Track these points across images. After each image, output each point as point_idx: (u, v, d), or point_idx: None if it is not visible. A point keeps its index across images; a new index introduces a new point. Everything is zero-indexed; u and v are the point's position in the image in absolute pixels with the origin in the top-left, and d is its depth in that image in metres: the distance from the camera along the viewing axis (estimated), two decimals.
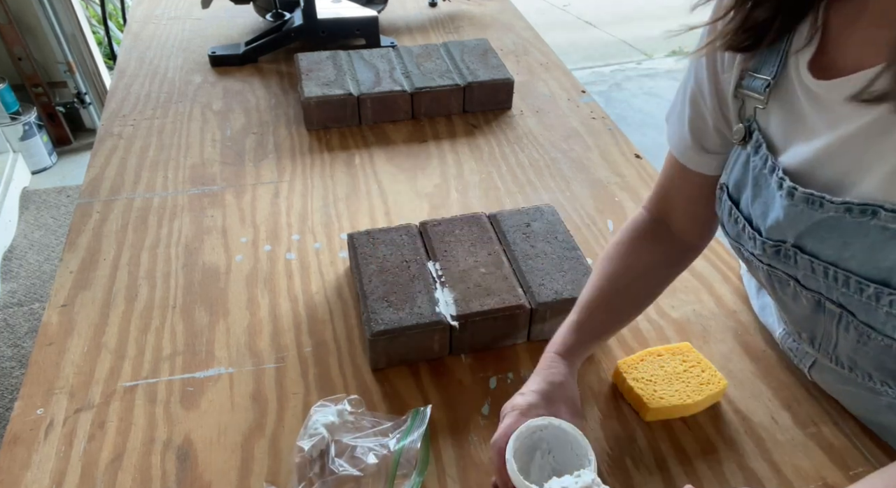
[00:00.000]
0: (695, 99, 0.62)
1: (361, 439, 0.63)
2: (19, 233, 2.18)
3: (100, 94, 2.59)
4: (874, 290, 0.49)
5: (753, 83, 0.55)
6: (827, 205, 0.50)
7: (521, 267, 0.78)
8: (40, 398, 0.69)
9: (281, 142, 1.13)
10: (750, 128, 0.58)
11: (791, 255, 0.55)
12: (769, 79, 0.54)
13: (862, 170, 0.48)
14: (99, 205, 0.97)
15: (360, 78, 1.18)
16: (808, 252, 0.53)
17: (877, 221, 0.47)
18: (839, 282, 0.51)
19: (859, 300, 0.50)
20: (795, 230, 0.53)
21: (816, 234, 0.52)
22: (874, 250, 0.48)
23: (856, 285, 0.50)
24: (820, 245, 0.52)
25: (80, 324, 0.78)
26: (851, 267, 0.50)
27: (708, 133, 0.63)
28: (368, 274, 0.77)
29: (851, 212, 0.48)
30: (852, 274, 0.50)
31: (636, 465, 0.64)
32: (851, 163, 0.48)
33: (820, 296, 0.55)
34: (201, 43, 1.45)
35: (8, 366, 1.73)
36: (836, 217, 0.49)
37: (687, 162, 0.65)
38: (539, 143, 1.15)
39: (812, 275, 0.54)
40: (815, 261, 0.53)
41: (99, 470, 0.62)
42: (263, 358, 0.74)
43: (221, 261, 0.87)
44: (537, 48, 1.49)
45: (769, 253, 0.57)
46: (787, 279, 0.57)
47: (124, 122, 1.18)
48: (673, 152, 0.67)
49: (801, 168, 0.52)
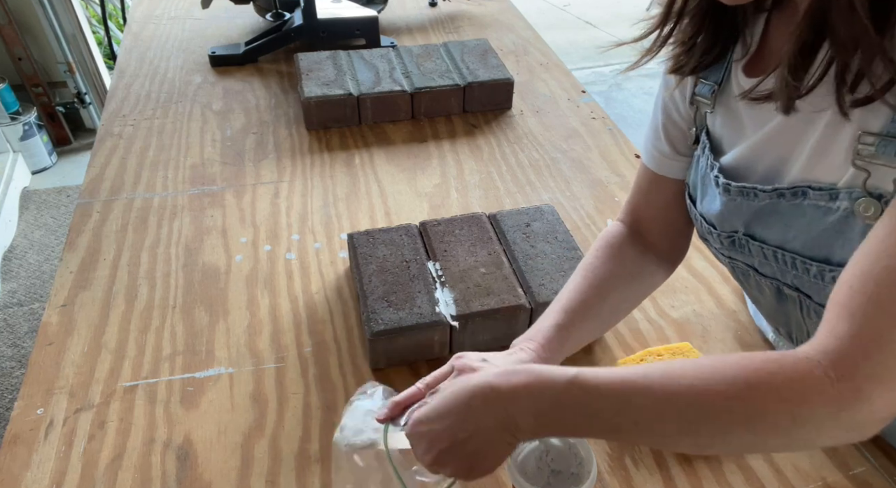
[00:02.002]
0: (666, 105, 0.65)
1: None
2: (19, 233, 2.18)
3: (100, 94, 2.59)
4: (817, 269, 0.51)
5: (703, 89, 0.59)
6: (760, 194, 0.54)
7: (521, 267, 0.78)
8: (40, 398, 0.69)
9: (281, 142, 1.13)
10: (700, 130, 0.62)
11: (745, 244, 0.58)
12: (714, 84, 0.58)
13: (791, 158, 0.51)
14: (99, 205, 0.97)
15: (360, 78, 1.18)
16: (757, 239, 0.56)
17: (809, 201, 0.50)
18: (788, 265, 0.54)
19: (808, 280, 0.53)
20: (741, 220, 0.57)
21: (761, 221, 0.55)
22: (811, 229, 0.51)
23: (802, 266, 0.53)
24: (767, 230, 0.55)
25: (80, 324, 0.78)
26: (796, 248, 0.53)
27: (680, 136, 0.65)
28: (368, 274, 0.77)
29: (784, 196, 0.52)
30: (797, 255, 0.53)
31: (636, 465, 0.64)
32: (781, 153, 0.52)
33: (778, 283, 0.57)
34: (201, 43, 1.45)
35: (8, 366, 1.73)
36: (773, 203, 0.53)
37: (659, 168, 0.67)
38: (539, 143, 1.15)
39: (766, 261, 0.57)
40: (765, 247, 0.56)
41: (99, 470, 0.62)
42: (263, 358, 0.74)
43: (221, 261, 0.87)
44: (537, 48, 1.49)
45: (726, 244, 0.60)
46: (747, 269, 0.60)
47: (124, 122, 1.18)
48: (644, 161, 0.69)
49: (740, 164, 0.57)
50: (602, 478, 0.62)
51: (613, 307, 0.68)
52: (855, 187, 0.46)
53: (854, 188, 0.46)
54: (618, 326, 0.78)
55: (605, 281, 0.66)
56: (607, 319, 0.69)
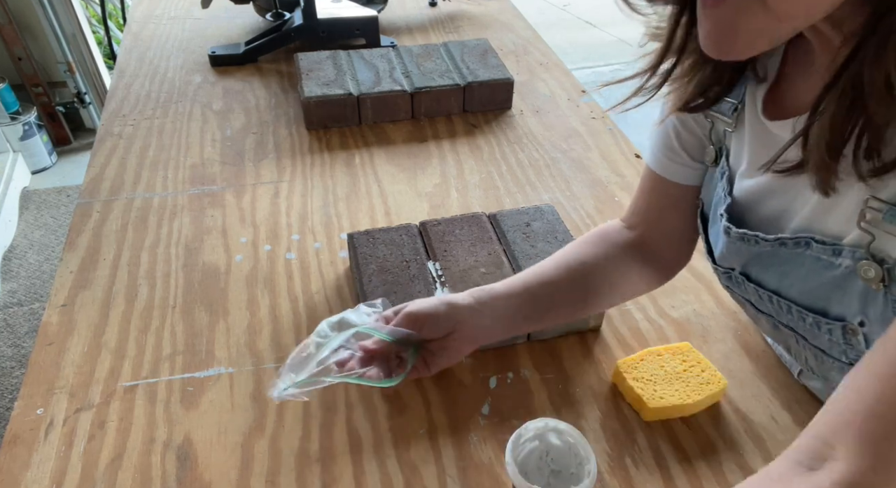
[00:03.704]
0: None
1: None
2: (19, 233, 2.18)
3: (100, 94, 2.59)
4: (814, 319, 0.50)
5: (722, 106, 0.56)
6: (762, 242, 0.52)
7: (521, 267, 0.78)
8: (40, 398, 0.69)
9: (281, 142, 1.13)
10: (720, 150, 0.59)
11: (740, 282, 0.57)
12: (736, 102, 0.55)
13: (798, 204, 0.49)
14: (99, 205, 0.97)
15: (360, 78, 1.18)
16: (753, 280, 0.55)
17: (810, 252, 0.48)
18: (783, 310, 0.53)
19: (804, 327, 0.52)
20: (739, 260, 0.56)
21: (758, 264, 0.54)
22: (809, 280, 0.49)
23: (797, 314, 0.52)
24: (764, 273, 0.54)
25: (80, 324, 0.78)
26: (792, 295, 0.52)
27: (694, 143, 0.62)
28: (368, 274, 0.77)
29: (786, 245, 0.50)
30: (794, 303, 0.52)
31: (636, 465, 0.64)
32: (790, 198, 0.50)
33: (774, 320, 0.56)
34: (201, 43, 1.45)
35: (8, 365, 1.73)
36: (773, 250, 0.51)
37: (664, 171, 0.65)
38: (539, 143, 1.15)
39: (761, 301, 0.56)
40: (761, 290, 0.55)
41: (99, 470, 0.62)
42: (263, 358, 0.74)
43: (221, 261, 0.87)
44: (537, 48, 1.49)
45: (722, 278, 0.60)
46: (744, 301, 0.60)
47: (124, 122, 1.18)
48: (650, 164, 0.66)
49: (748, 198, 0.54)
50: (602, 478, 0.62)
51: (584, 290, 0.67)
52: (859, 248, 0.45)
53: (858, 248, 0.45)
54: (617, 326, 0.79)
55: (580, 262, 0.66)
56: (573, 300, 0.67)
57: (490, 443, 0.65)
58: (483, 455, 0.64)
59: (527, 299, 0.65)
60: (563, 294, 0.67)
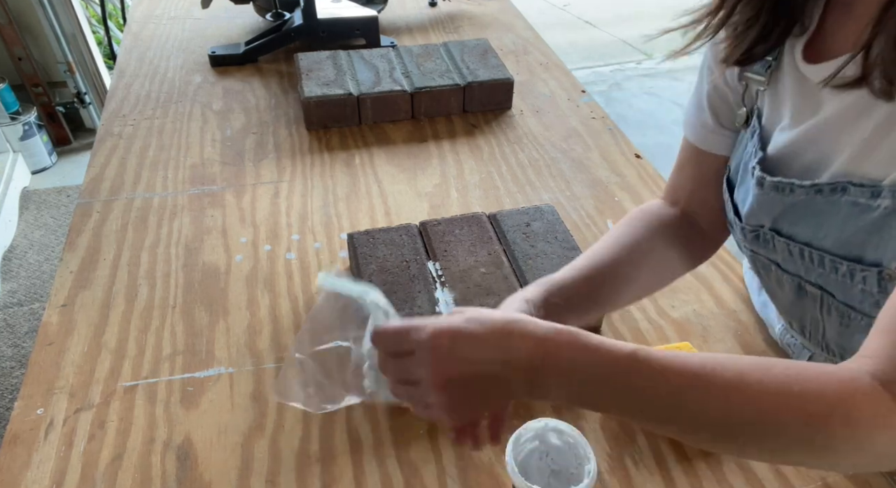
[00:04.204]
0: (713, 73, 0.62)
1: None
2: (19, 233, 2.18)
3: (100, 94, 2.59)
4: (848, 268, 0.50)
5: (755, 65, 0.56)
6: (797, 189, 0.52)
7: (521, 267, 0.78)
8: (40, 398, 0.69)
9: (281, 142, 1.13)
10: (751, 111, 0.59)
11: (769, 239, 0.56)
12: (771, 60, 0.55)
13: (836, 152, 0.49)
14: (99, 205, 0.97)
15: (360, 78, 1.18)
16: (784, 235, 0.55)
17: (847, 197, 0.48)
18: (815, 263, 0.53)
19: (836, 279, 0.52)
20: (770, 215, 0.55)
21: (790, 217, 0.54)
22: (846, 227, 0.49)
23: (830, 264, 0.51)
24: (794, 227, 0.54)
25: (80, 324, 0.78)
26: (825, 246, 0.51)
27: (726, 109, 0.63)
28: (368, 274, 0.77)
29: (822, 192, 0.50)
30: (826, 253, 0.51)
31: (636, 465, 0.64)
32: (828, 146, 0.50)
33: (800, 280, 0.56)
34: (201, 43, 1.45)
35: (8, 365, 1.73)
36: (807, 199, 0.51)
37: (702, 142, 0.65)
38: (539, 143, 1.15)
39: (790, 257, 0.55)
40: (792, 244, 0.54)
41: (99, 470, 0.62)
42: (263, 358, 0.74)
43: (221, 261, 0.87)
44: (537, 48, 1.49)
45: (749, 238, 0.59)
46: (769, 264, 0.59)
47: (124, 122, 1.18)
48: (688, 136, 0.67)
49: (784, 152, 0.54)
50: (602, 478, 0.62)
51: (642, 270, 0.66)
52: None
53: None
54: (617, 326, 0.79)
55: (636, 242, 0.65)
56: (639, 283, 0.66)
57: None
58: (483, 455, 0.64)
59: (593, 285, 0.63)
60: (624, 274, 0.65)
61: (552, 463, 0.56)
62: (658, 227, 0.68)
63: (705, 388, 0.42)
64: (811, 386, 0.41)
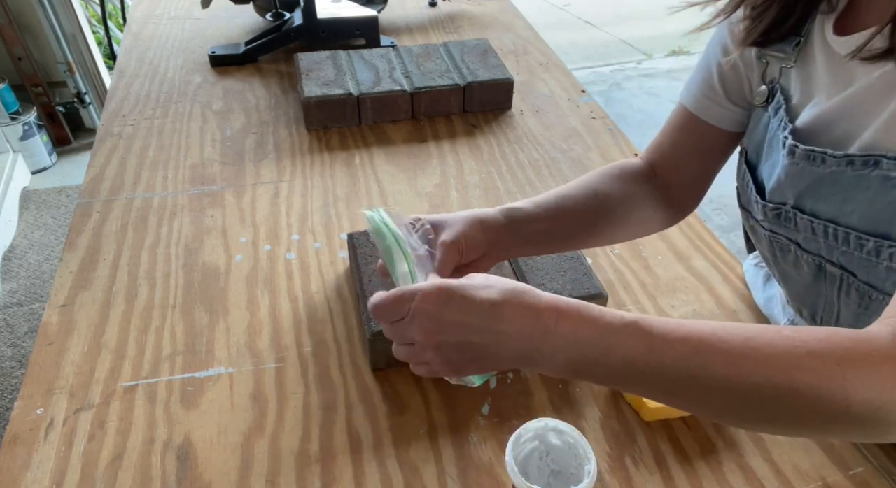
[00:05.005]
0: (728, 47, 0.62)
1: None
2: (19, 233, 2.18)
3: (100, 94, 2.59)
4: (874, 244, 0.49)
5: (782, 44, 0.56)
6: (829, 159, 0.51)
7: (520, 266, 0.78)
8: (40, 398, 0.69)
9: (281, 142, 1.13)
10: (773, 89, 0.58)
11: (791, 217, 0.56)
12: (799, 37, 0.54)
13: (867, 124, 0.49)
14: (99, 205, 0.97)
15: (360, 78, 1.18)
16: (807, 212, 0.54)
17: (878, 171, 0.47)
18: (839, 240, 0.52)
19: (860, 257, 0.51)
20: (795, 189, 0.54)
21: (816, 192, 0.53)
22: (875, 202, 0.48)
23: (856, 241, 0.50)
24: (819, 203, 0.53)
25: (80, 324, 0.78)
26: (852, 222, 0.50)
27: (737, 84, 0.62)
28: (368, 274, 0.77)
29: (853, 164, 0.49)
30: (852, 229, 0.50)
31: (636, 465, 0.64)
32: (859, 119, 0.49)
33: (821, 260, 0.55)
34: (201, 43, 1.45)
35: (8, 365, 1.73)
36: (838, 172, 0.50)
37: (703, 112, 0.65)
38: (539, 143, 1.15)
39: (812, 236, 0.54)
40: (815, 221, 0.53)
41: (99, 470, 0.62)
42: (263, 358, 0.74)
43: (221, 261, 0.87)
44: (537, 48, 1.49)
45: (770, 216, 0.58)
46: (789, 244, 0.58)
47: (124, 122, 1.18)
48: (684, 101, 0.67)
49: (814, 126, 0.53)
50: (602, 478, 0.62)
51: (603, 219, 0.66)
52: None
53: None
54: None
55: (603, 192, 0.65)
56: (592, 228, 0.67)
57: (490, 443, 0.65)
58: (483, 455, 0.64)
59: (554, 223, 0.64)
60: (586, 220, 0.66)
61: (552, 463, 0.56)
62: (631, 184, 0.68)
63: (712, 355, 0.40)
64: (823, 346, 0.39)
